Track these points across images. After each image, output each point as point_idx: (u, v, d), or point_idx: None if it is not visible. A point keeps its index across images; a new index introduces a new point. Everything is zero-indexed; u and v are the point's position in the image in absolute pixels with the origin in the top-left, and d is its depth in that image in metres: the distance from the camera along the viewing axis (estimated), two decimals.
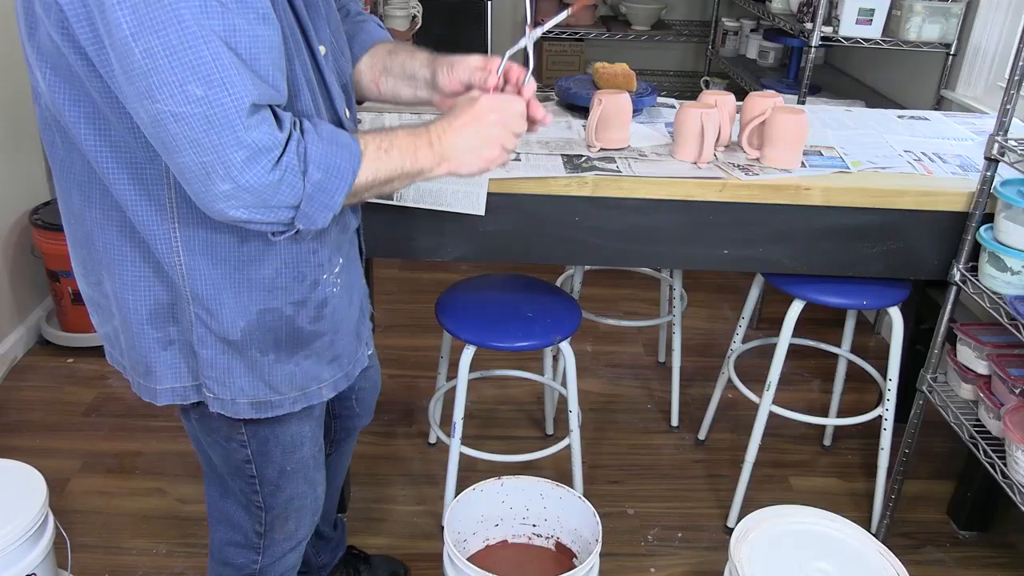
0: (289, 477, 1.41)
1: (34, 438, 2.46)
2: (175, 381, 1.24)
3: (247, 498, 1.43)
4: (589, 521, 1.75)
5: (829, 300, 2.00)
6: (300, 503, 1.47)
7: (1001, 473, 1.74)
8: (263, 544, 1.48)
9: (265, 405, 1.26)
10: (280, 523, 1.46)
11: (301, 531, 1.52)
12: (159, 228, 1.13)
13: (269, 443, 1.35)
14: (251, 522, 1.46)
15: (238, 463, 1.37)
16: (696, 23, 4.69)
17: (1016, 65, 1.69)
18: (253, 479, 1.39)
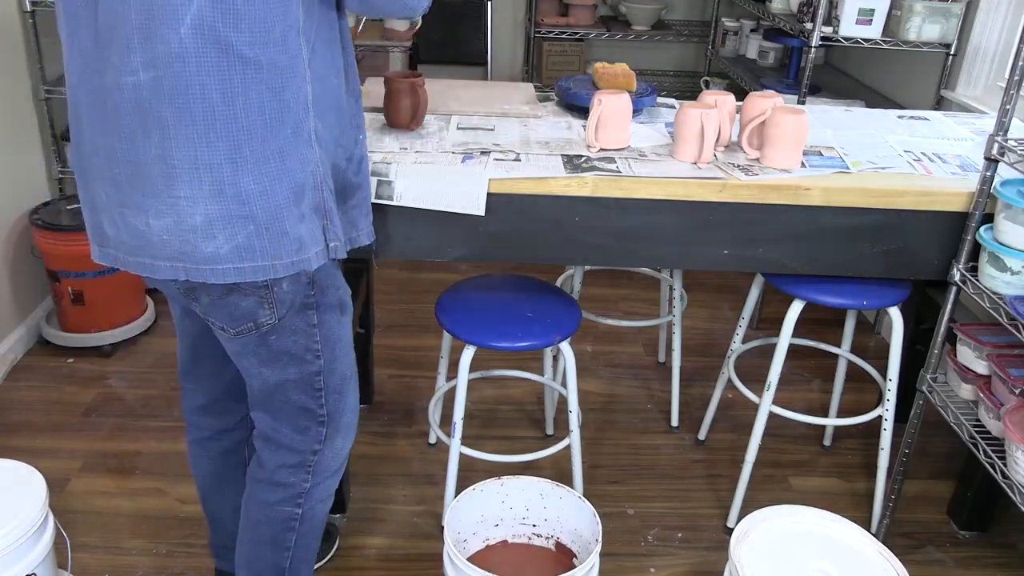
0: (347, 384, 1.61)
1: (34, 438, 2.46)
2: (315, 245, 1.43)
3: (310, 415, 1.58)
4: (589, 521, 1.75)
5: (829, 300, 2.00)
6: (351, 417, 1.65)
7: (1001, 473, 1.74)
8: (315, 462, 1.62)
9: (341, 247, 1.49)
10: (334, 436, 1.62)
11: (344, 450, 1.68)
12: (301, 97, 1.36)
13: (336, 348, 1.56)
14: (310, 440, 1.61)
15: (310, 378, 1.54)
16: (696, 23, 4.69)
17: (1016, 65, 1.69)
18: (320, 391, 1.56)
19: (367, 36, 3.93)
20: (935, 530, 2.29)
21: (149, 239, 1.36)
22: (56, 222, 2.70)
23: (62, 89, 2.85)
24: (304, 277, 1.45)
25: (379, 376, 2.76)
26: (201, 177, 1.31)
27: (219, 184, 1.32)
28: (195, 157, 1.30)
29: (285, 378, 1.53)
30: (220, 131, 1.29)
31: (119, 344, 2.87)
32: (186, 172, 1.31)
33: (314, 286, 1.48)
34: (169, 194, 1.32)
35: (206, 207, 1.32)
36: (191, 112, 1.28)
